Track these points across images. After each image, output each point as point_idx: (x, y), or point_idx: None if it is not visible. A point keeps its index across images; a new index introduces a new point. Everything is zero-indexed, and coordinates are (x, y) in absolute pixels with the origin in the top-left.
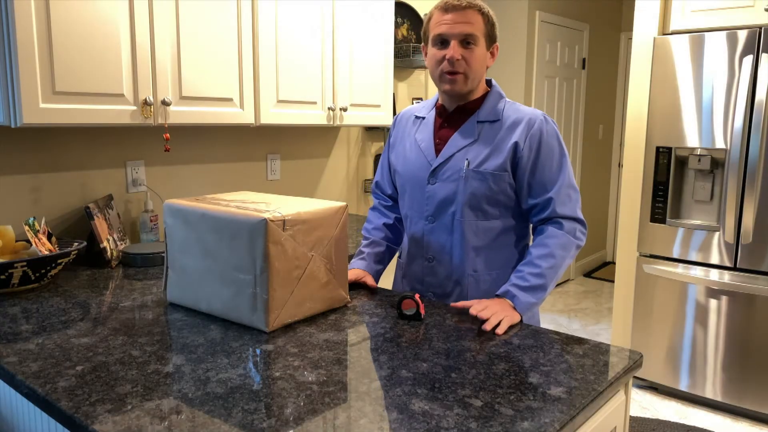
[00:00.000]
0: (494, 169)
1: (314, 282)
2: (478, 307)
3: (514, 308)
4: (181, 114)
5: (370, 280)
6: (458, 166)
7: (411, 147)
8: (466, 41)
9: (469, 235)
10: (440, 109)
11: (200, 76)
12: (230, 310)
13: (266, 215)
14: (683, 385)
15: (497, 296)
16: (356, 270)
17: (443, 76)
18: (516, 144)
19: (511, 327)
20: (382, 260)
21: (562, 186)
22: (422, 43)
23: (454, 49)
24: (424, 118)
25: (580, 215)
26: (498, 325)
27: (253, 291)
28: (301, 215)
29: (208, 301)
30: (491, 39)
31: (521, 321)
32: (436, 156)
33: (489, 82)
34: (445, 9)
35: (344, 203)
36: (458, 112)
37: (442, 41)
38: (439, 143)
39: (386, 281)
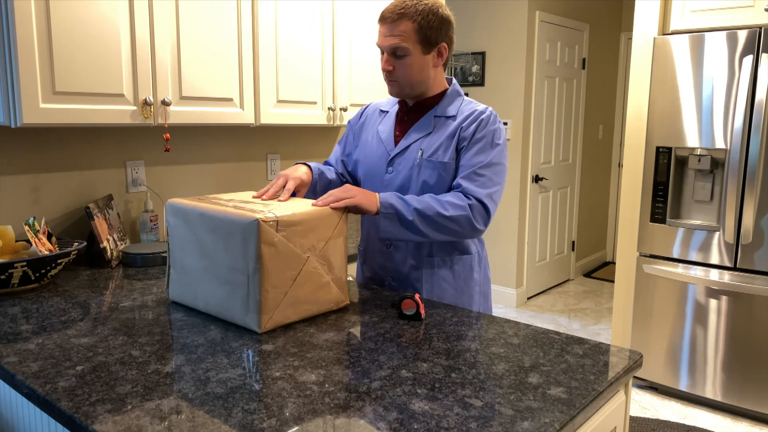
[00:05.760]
0: (444, 159)
1: (310, 284)
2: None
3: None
4: (181, 114)
5: (302, 188)
6: (413, 155)
7: (373, 138)
8: (396, 53)
9: None
10: (402, 104)
11: (200, 76)
12: (225, 310)
13: (259, 216)
14: (683, 385)
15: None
16: (300, 175)
17: (385, 80)
18: (460, 128)
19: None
20: (324, 177)
21: (480, 168)
22: None
23: (385, 61)
24: (387, 112)
25: (486, 201)
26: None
27: (246, 291)
28: (296, 216)
29: (206, 301)
30: (429, 43)
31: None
32: (395, 146)
33: (450, 81)
34: (381, 20)
35: None
36: (418, 107)
37: (381, 51)
38: (399, 135)
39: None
